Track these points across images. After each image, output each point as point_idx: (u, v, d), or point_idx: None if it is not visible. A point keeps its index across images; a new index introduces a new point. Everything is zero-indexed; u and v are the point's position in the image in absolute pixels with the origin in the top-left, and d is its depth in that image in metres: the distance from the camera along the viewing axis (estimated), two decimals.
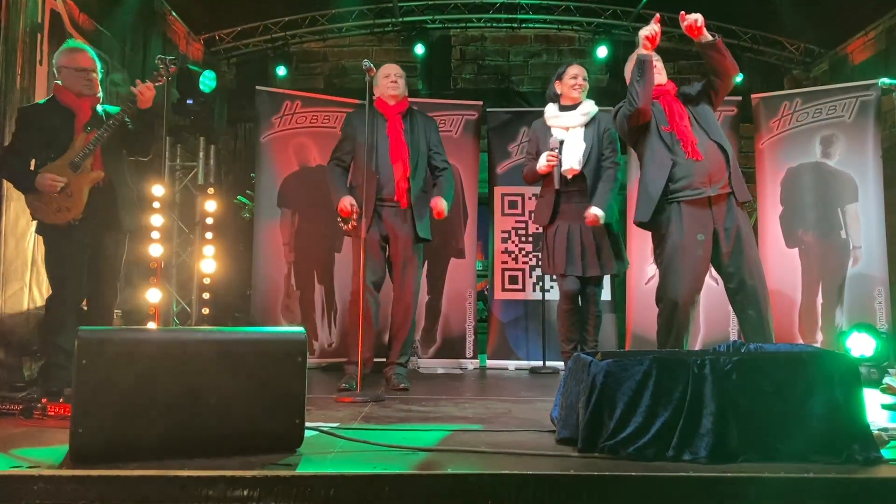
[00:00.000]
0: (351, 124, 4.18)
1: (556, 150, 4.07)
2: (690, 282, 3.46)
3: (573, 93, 4.17)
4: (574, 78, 4.18)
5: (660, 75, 3.63)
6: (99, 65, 3.65)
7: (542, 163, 4.07)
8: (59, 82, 3.56)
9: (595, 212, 4.02)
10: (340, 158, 4.17)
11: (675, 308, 3.45)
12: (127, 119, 3.53)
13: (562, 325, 4.25)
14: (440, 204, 4.09)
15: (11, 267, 3.74)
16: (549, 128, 4.21)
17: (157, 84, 3.56)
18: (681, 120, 3.52)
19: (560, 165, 4.09)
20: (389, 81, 4.15)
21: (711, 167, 3.46)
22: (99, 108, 3.62)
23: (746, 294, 3.44)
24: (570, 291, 4.14)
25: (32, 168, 3.43)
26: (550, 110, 4.25)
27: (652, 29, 3.44)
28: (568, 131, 4.13)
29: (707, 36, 3.44)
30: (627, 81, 3.67)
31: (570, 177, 4.08)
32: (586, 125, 4.16)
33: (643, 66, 3.45)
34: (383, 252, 4.13)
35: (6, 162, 3.51)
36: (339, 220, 3.97)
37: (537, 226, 4.35)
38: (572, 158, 4.08)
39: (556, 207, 4.15)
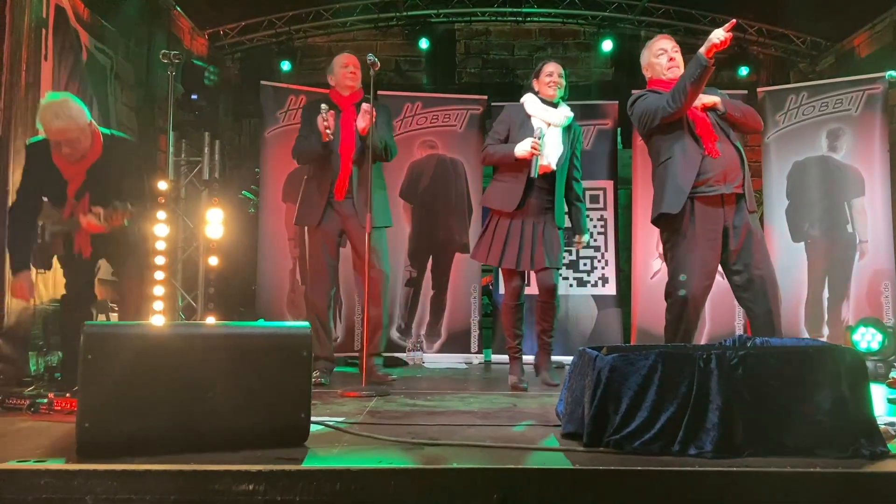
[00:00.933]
0: (310, 114, 4.08)
1: (540, 140, 3.93)
2: (702, 278, 3.43)
3: (549, 90, 4.04)
4: (549, 75, 4.05)
5: (679, 69, 3.58)
6: (86, 111, 3.30)
7: (526, 148, 3.84)
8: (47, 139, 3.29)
9: (586, 239, 4.22)
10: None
11: (685, 304, 3.41)
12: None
13: (508, 322, 4.12)
14: (363, 121, 3.92)
15: None
16: (528, 117, 4.03)
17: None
18: (706, 124, 3.49)
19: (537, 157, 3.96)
20: (348, 72, 4.09)
21: (728, 165, 3.43)
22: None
23: (755, 291, 3.41)
24: (516, 287, 4.06)
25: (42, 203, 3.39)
26: (534, 100, 4.07)
27: (723, 35, 3.29)
28: (549, 127, 4.02)
29: (719, 108, 3.48)
30: (646, 72, 3.67)
31: (541, 173, 3.92)
32: (565, 127, 4.05)
33: (703, 72, 3.31)
34: (337, 247, 4.13)
35: (13, 216, 3.38)
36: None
37: (494, 208, 4.07)
38: (551, 156, 3.95)
39: (524, 199, 3.95)
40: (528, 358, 5.63)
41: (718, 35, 3.29)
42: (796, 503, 2.05)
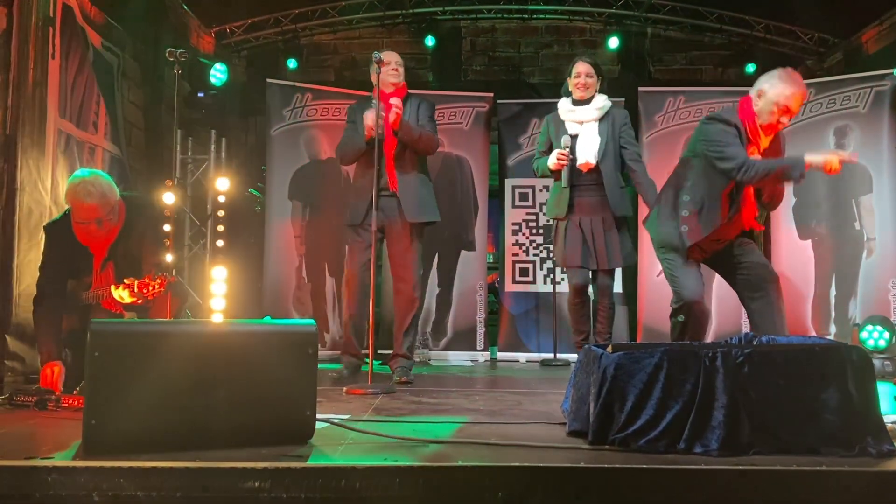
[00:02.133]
0: (354, 114, 4.15)
1: (568, 149, 4.06)
2: (697, 277, 3.44)
3: (577, 92, 4.16)
4: (577, 77, 4.17)
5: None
6: (115, 187, 3.28)
7: (553, 160, 4.07)
8: (70, 217, 3.27)
9: None
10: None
11: (691, 307, 3.42)
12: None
13: (572, 317, 4.31)
14: (395, 112, 3.89)
15: (25, 259, 3.76)
16: (562, 122, 4.20)
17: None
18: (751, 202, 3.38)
19: (573, 163, 4.09)
20: (391, 69, 4.09)
21: (734, 230, 3.43)
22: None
23: (755, 289, 3.41)
24: (579, 285, 4.16)
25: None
26: (564, 104, 4.25)
27: (834, 167, 3.11)
28: (582, 125, 4.13)
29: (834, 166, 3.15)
30: (757, 99, 3.27)
31: (585, 171, 4.08)
32: (600, 119, 4.14)
33: (790, 177, 3.19)
34: (380, 243, 4.10)
35: (42, 310, 3.30)
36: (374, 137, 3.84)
37: (549, 218, 4.34)
38: (588, 152, 4.07)
39: (571, 201, 4.14)
40: (534, 355, 5.64)
41: (831, 162, 3.11)
42: (802, 502, 2.05)
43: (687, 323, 3.45)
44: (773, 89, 3.21)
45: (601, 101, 4.19)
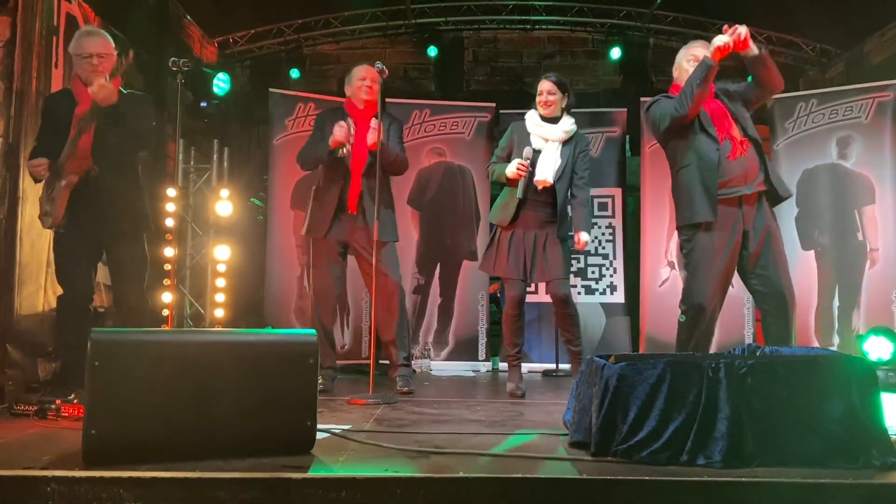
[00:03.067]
0: (322, 122, 4.13)
1: (528, 161, 3.98)
2: (717, 286, 3.39)
3: (541, 109, 4.09)
4: (540, 94, 4.10)
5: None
6: (115, 49, 3.52)
7: (512, 169, 3.94)
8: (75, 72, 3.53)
9: (585, 238, 4.04)
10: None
11: (700, 312, 3.38)
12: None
13: (508, 330, 4.10)
14: (371, 136, 3.93)
15: (27, 269, 3.76)
16: (528, 133, 4.08)
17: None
18: (724, 118, 3.46)
19: (531, 176, 3.98)
20: (365, 85, 4.07)
21: (748, 165, 3.40)
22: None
23: (772, 297, 3.39)
24: (517, 297, 4.04)
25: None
26: (533, 117, 4.12)
27: (724, 39, 3.31)
28: (546, 143, 4.04)
29: (753, 49, 3.33)
30: (675, 72, 3.65)
31: (540, 188, 3.96)
32: (565, 142, 4.07)
33: (708, 73, 3.32)
34: (342, 258, 4.12)
35: (31, 156, 3.50)
36: (339, 150, 3.90)
37: (493, 222, 4.15)
38: (547, 171, 3.96)
39: (518, 211, 4.00)
40: (536, 366, 5.63)
41: (720, 39, 3.31)
42: None
43: (691, 326, 3.42)
44: (679, 56, 3.67)
45: (569, 125, 4.09)
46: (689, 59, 3.57)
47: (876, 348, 4.71)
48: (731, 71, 3.87)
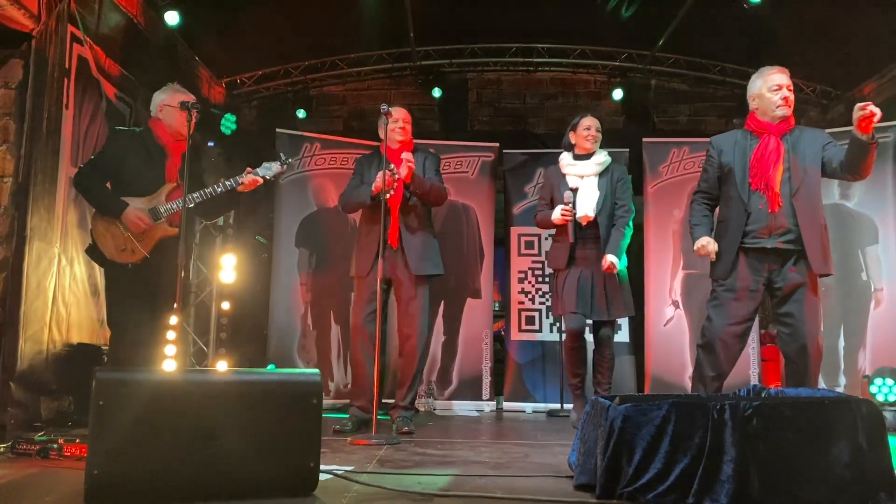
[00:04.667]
0: (361, 167, 4.27)
1: (570, 204, 4.14)
2: (732, 325, 3.45)
3: (586, 143, 4.28)
4: (587, 129, 4.30)
5: (788, 109, 3.53)
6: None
7: (557, 215, 4.18)
8: (157, 117, 3.68)
9: (611, 259, 4.12)
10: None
11: (712, 342, 3.46)
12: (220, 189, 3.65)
13: (569, 361, 4.28)
14: (404, 169, 4.00)
15: (32, 306, 3.77)
16: (563, 175, 4.30)
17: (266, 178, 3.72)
18: (770, 166, 3.43)
19: (574, 217, 4.15)
20: (398, 127, 4.18)
21: (779, 221, 3.40)
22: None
23: (797, 347, 3.38)
24: (575, 330, 4.18)
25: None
26: (566, 158, 4.36)
27: (705, 250, 3.54)
28: (583, 179, 4.23)
29: (868, 134, 3.21)
30: (752, 101, 3.66)
31: (584, 223, 4.15)
32: (600, 174, 4.24)
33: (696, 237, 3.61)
34: (385, 294, 4.14)
35: (86, 177, 3.61)
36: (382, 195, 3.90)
37: (551, 268, 4.39)
38: (587, 206, 4.17)
39: (573, 253, 4.21)
40: (541, 406, 5.59)
41: (704, 249, 3.56)
42: None
43: (705, 361, 3.50)
44: (756, 85, 3.66)
45: (602, 157, 4.30)
46: (773, 88, 3.54)
47: (883, 391, 4.67)
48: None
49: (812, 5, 5.39)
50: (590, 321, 4.33)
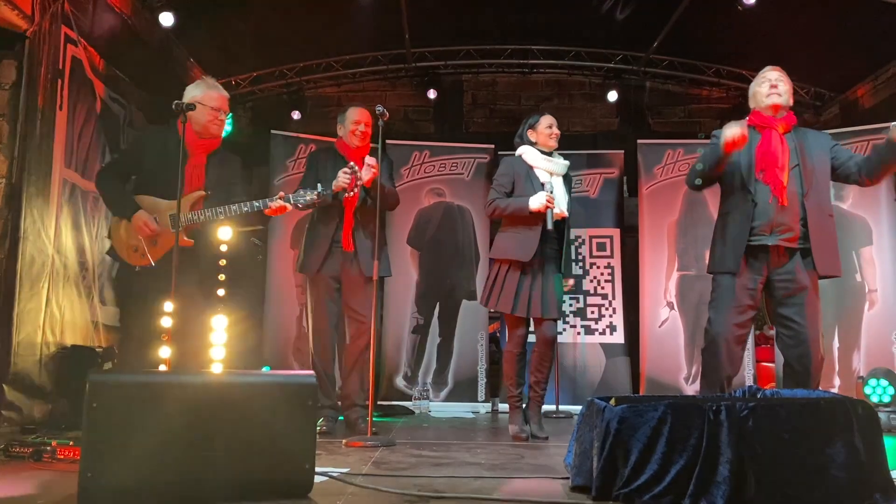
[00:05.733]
0: (315, 162, 4.18)
1: (552, 194, 3.97)
2: (733, 322, 3.39)
3: (550, 141, 4.07)
4: (549, 127, 4.10)
5: (779, 97, 3.53)
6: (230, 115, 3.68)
7: (541, 201, 3.88)
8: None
9: (571, 282, 4.27)
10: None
11: (715, 342, 3.41)
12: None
13: (511, 370, 4.04)
14: (367, 173, 3.92)
15: (25, 309, 3.76)
16: (530, 168, 4.05)
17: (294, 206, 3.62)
18: (777, 159, 3.40)
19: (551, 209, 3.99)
20: (359, 130, 4.11)
21: (781, 217, 3.36)
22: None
23: (798, 350, 3.35)
24: (524, 335, 4.04)
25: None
26: (534, 152, 4.08)
27: (734, 133, 3.29)
28: (552, 177, 4.07)
29: None
30: (751, 102, 3.68)
31: (554, 219, 3.97)
32: (564, 176, 4.13)
33: (716, 160, 3.40)
34: (338, 293, 4.12)
35: (102, 178, 3.57)
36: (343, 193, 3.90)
37: (509, 258, 3.99)
38: (561, 203, 4.01)
39: (539, 249, 3.96)
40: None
41: (729, 135, 3.29)
42: None
43: (709, 358, 3.45)
44: (752, 86, 3.70)
45: (562, 160, 4.13)
46: (761, 81, 3.60)
47: (877, 392, 4.68)
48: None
49: (805, 7, 5.41)
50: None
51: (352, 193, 3.93)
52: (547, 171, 4.05)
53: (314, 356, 4.14)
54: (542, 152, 4.08)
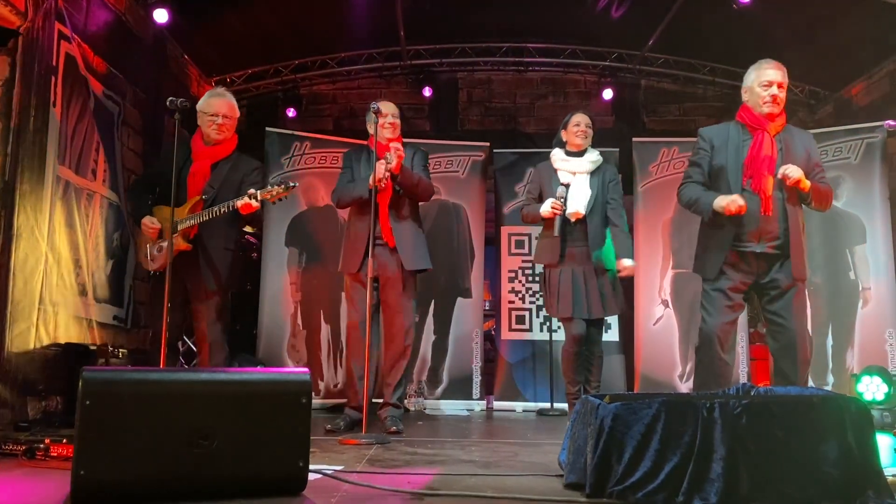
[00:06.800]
0: (350, 161, 4.22)
1: (563, 199, 4.11)
2: (723, 321, 3.47)
3: (577, 139, 4.27)
4: (577, 125, 4.28)
5: (777, 107, 3.54)
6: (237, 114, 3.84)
7: (546, 208, 4.13)
8: (199, 123, 3.86)
9: (628, 263, 4.17)
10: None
11: (708, 341, 3.47)
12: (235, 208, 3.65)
13: (568, 368, 4.23)
14: (397, 156, 3.93)
15: (19, 306, 3.74)
16: (554, 171, 4.28)
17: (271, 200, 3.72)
18: (766, 168, 3.41)
19: (563, 213, 4.13)
20: (387, 122, 4.14)
21: (769, 225, 3.41)
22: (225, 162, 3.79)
23: (785, 344, 3.42)
24: (578, 335, 4.15)
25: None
26: (558, 154, 4.33)
27: (737, 208, 3.33)
28: (575, 176, 4.21)
29: (806, 185, 3.40)
30: (744, 93, 3.69)
31: (573, 220, 4.13)
32: (592, 173, 4.23)
33: (705, 213, 3.50)
34: (375, 292, 4.09)
35: (130, 189, 3.75)
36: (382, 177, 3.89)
37: (541, 264, 4.34)
38: (578, 203, 4.15)
39: (563, 250, 4.17)
40: (531, 405, 5.59)
41: (728, 206, 3.34)
42: None
43: (703, 357, 3.51)
44: (749, 78, 3.65)
45: (595, 156, 4.29)
46: (764, 84, 3.56)
47: (870, 389, 4.70)
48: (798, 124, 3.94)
49: (801, 6, 5.42)
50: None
51: (382, 185, 3.89)
52: (568, 171, 4.18)
53: (347, 355, 4.16)
54: (569, 152, 4.25)
